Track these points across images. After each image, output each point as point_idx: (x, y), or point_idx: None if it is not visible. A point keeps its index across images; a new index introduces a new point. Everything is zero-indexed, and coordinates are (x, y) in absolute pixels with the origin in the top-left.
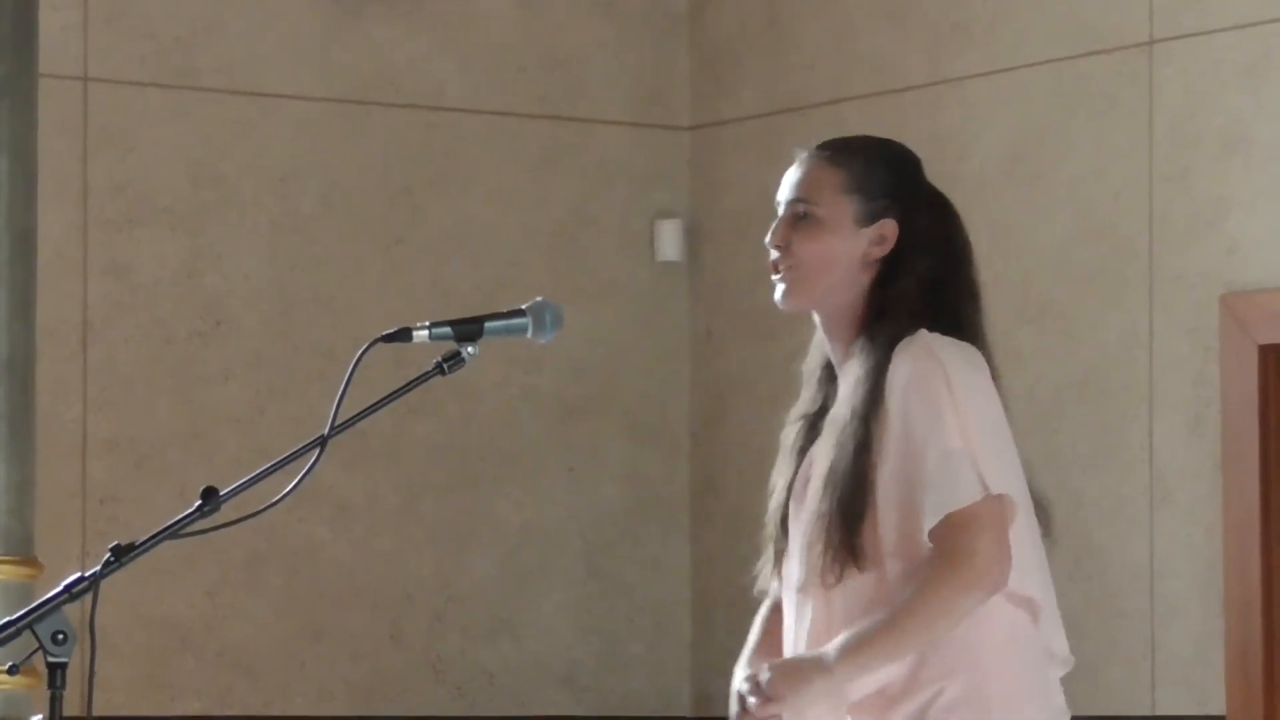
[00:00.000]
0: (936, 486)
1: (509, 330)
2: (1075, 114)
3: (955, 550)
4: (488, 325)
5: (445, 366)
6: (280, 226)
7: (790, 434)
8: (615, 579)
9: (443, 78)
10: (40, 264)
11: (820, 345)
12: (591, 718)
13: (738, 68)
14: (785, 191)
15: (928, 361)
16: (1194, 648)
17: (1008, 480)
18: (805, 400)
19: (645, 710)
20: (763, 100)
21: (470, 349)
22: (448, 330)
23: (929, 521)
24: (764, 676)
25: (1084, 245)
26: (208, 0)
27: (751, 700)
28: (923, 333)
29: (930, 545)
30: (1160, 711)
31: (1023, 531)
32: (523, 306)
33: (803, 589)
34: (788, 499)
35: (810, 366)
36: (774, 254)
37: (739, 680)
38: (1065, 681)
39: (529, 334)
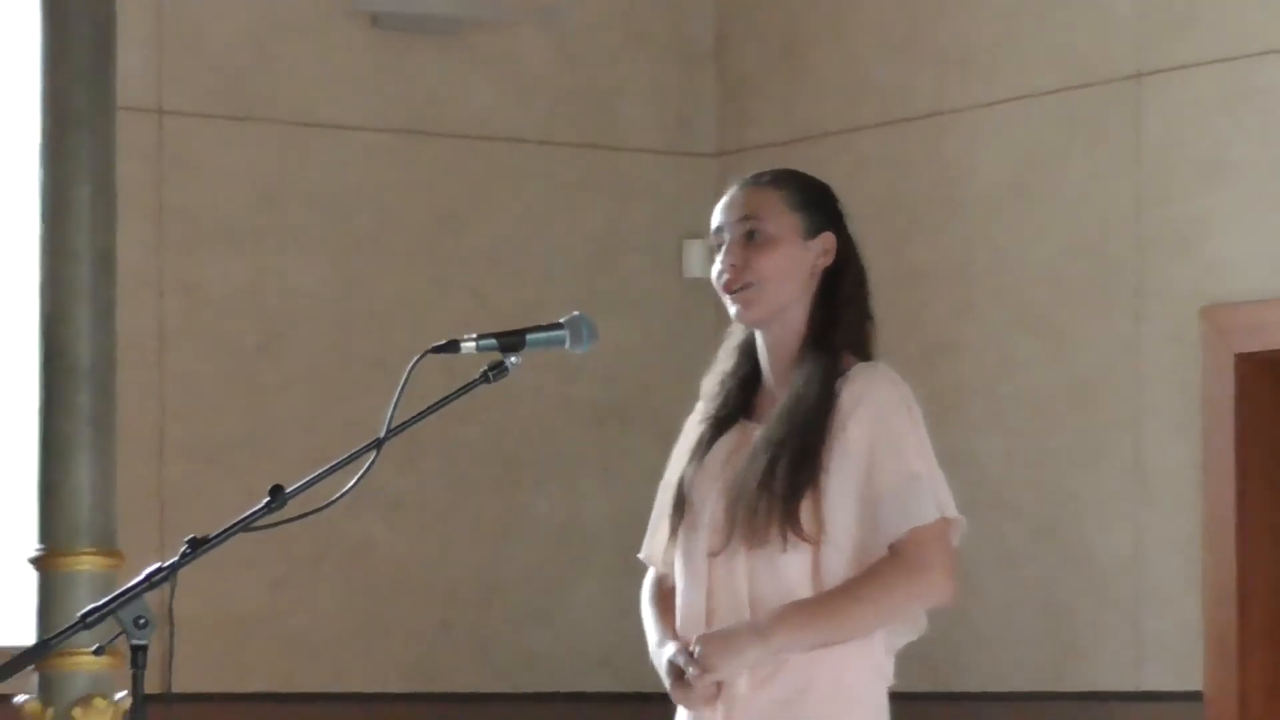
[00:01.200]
0: (900, 502)
1: (548, 342)
2: (1069, 141)
3: (915, 562)
4: (529, 337)
5: (490, 375)
6: (336, 247)
7: (694, 433)
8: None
9: (485, 109)
10: (119, 282)
11: (733, 359)
12: (626, 694)
13: (758, 99)
14: (728, 215)
15: (893, 391)
16: (1175, 631)
17: (953, 505)
18: (714, 405)
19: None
20: (782, 129)
21: (513, 359)
22: (492, 342)
23: (892, 532)
24: (696, 649)
25: (1076, 262)
26: (270, 37)
27: (691, 671)
28: (879, 363)
29: (886, 551)
30: (1145, 688)
31: None
32: (561, 320)
33: (721, 555)
34: (688, 482)
35: (715, 381)
36: (728, 275)
37: (669, 653)
38: (1062, 660)
39: (567, 345)
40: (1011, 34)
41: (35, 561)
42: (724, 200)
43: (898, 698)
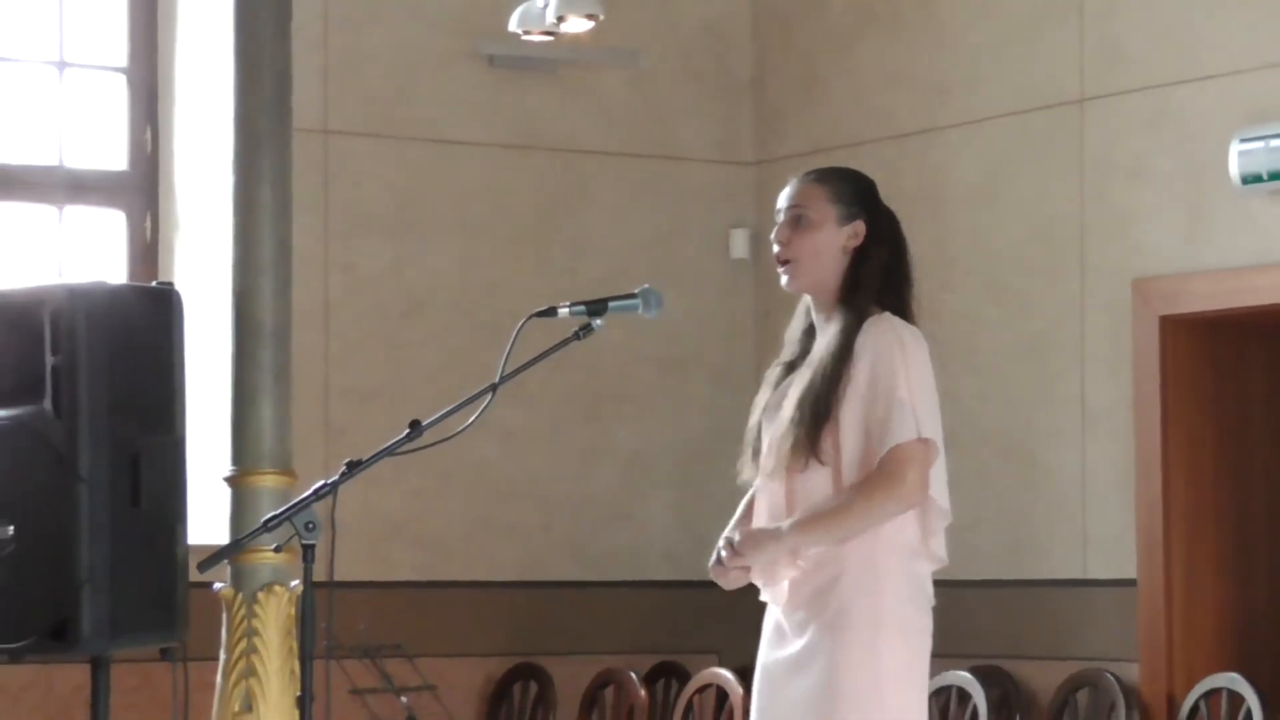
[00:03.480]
0: (887, 423)
1: (625, 308)
2: (1027, 151)
3: (891, 472)
4: (610, 304)
5: (580, 334)
6: (462, 236)
7: (773, 373)
8: (702, 485)
9: (575, 128)
10: (294, 263)
11: (803, 315)
12: (684, 581)
13: (786, 120)
14: (784, 201)
15: (890, 336)
16: (1113, 531)
17: (934, 429)
18: (786, 353)
19: None
20: (804, 143)
21: (598, 322)
22: (582, 308)
23: (880, 449)
24: (736, 538)
25: (1033, 245)
26: (411, 74)
27: (724, 554)
28: (887, 314)
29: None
30: (1090, 576)
31: (939, 466)
32: (635, 291)
33: (772, 475)
34: (762, 417)
35: (792, 331)
36: (777, 248)
37: (721, 540)
38: (1024, 555)
39: (640, 310)
40: (981, 69)
41: (228, 480)
42: (785, 190)
43: None
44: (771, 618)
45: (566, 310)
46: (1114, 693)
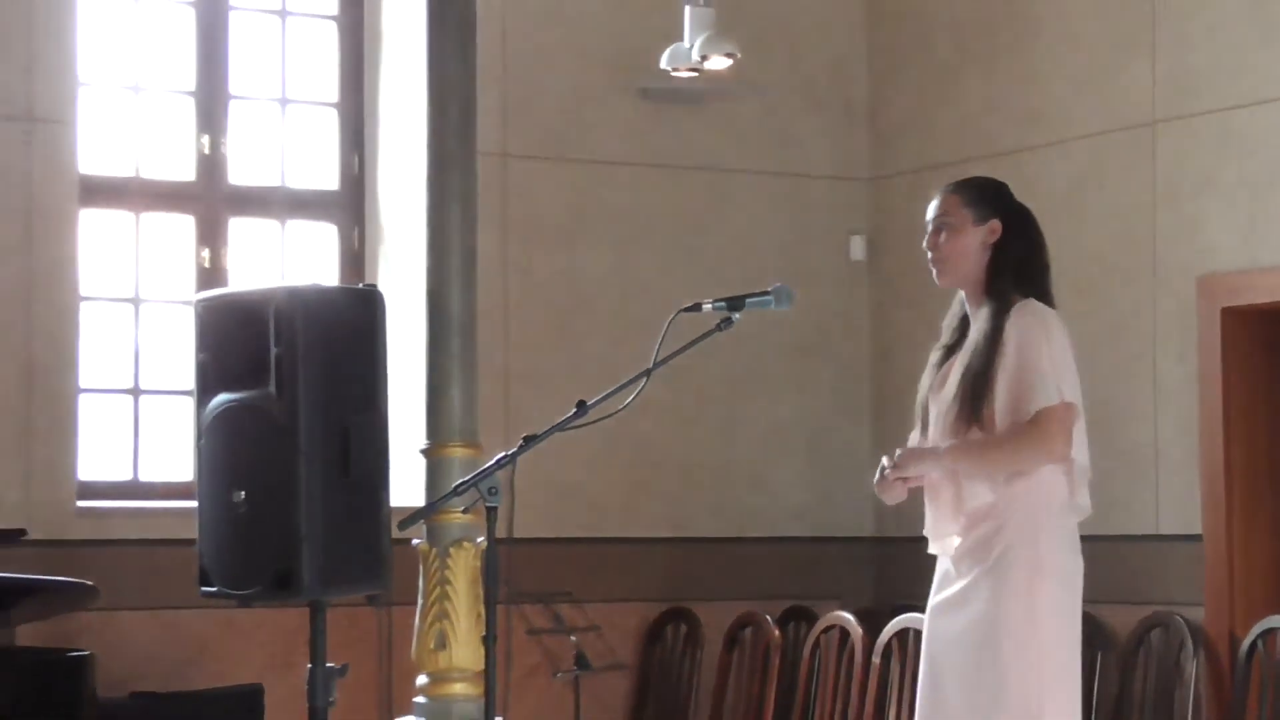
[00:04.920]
0: (1032, 391)
1: (760, 304)
2: (1107, 167)
3: (1041, 428)
4: (747, 300)
5: (721, 326)
6: (621, 243)
7: (934, 356)
8: (827, 453)
9: (716, 150)
10: (480, 267)
11: (958, 306)
12: (814, 537)
13: (898, 141)
14: (930, 213)
15: (1033, 319)
16: (1181, 493)
17: (1075, 395)
18: (944, 338)
19: (843, 532)
20: (914, 161)
21: (736, 315)
22: (723, 304)
23: (1029, 411)
24: (897, 453)
25: (1113, 248)
26: (576, 105)
27: (887, 469)
28: (1031, 300)
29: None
30: (1161, 532)
31: (1079, 428)
32: (769, 289)
33: (941, 441)
34: (925, 395)
35: (949, 320)
36: (930, 253)
37: (883, 460)
38: (1103, 513)
39: (773, 305)
40: (1067, 96)
41: (424, 452)
42: (931, 203)
43: None
44: (941, 567)
45: (709, 306)
46: (1183, 633)
